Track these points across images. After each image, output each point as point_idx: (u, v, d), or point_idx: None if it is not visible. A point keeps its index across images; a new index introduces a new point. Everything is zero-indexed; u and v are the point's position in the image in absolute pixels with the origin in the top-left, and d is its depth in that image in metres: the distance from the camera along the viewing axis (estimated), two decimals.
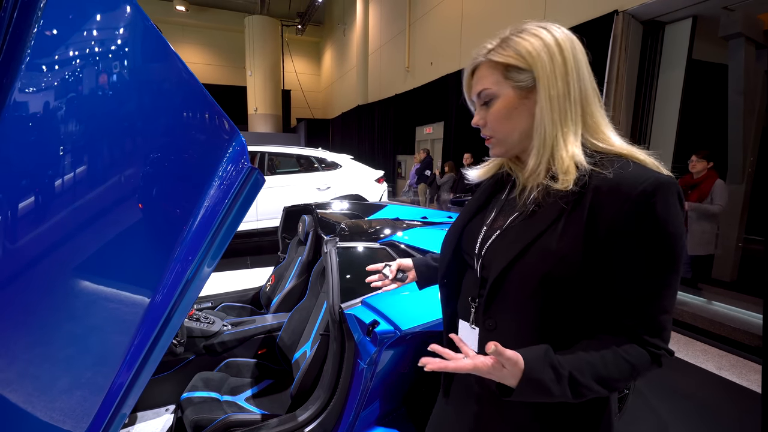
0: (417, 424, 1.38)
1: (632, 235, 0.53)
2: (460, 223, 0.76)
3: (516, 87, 0.62)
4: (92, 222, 0.55)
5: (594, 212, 0.55)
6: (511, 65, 0.61)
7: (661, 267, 0.53)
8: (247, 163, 0.55)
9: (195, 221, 0.56)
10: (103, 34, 0.54)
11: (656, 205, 0.51)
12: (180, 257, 0.57)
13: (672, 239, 0.52)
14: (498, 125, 0.64)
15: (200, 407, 1.39)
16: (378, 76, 12.89)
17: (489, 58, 0.64)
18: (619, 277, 0.55)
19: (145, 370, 0.64)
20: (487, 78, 0.64)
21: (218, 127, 0.56)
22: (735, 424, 1.91)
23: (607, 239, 0.54)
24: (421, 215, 2.22)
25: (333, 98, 18.46)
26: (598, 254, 0.54)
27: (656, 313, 0.54)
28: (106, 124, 0.55)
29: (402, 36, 10.99)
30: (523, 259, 0.59)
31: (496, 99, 0.63)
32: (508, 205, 0.69)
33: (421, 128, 10.59)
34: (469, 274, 0.72)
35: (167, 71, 0.55)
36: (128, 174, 0.56)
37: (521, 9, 6.58)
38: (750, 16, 4.96)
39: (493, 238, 0.66)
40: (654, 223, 0.52)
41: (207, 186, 0.56)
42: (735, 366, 2.50)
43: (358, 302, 1.30)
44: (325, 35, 19.36)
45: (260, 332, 1.81)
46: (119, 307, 0.61)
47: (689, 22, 4.54)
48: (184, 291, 0.58)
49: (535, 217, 0.60)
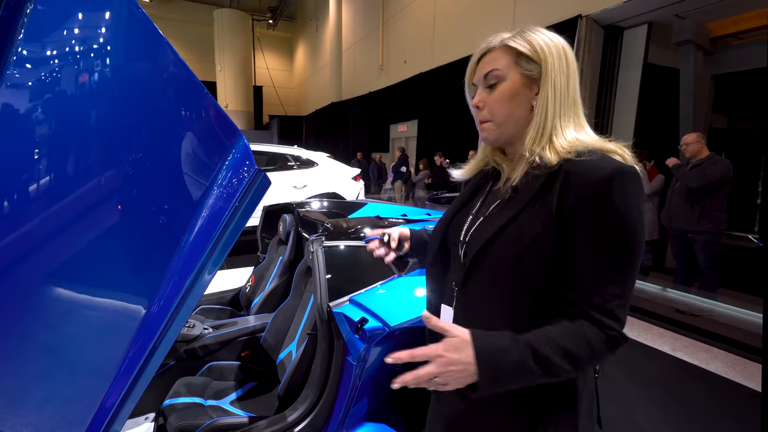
0: (405, 417, 1.41)
1: (589, 218, 0.56)
2: (447, 216, 0.80)
3: (523, 74, 0.65)
4: (85, 227, 0.53)
5: (562, 195, 0.58)
6: (523, 54, 0.65)
7: (613, 250, 0.55)
8: (252, 165, 0.54)
9: (196, 226, 0.54)
10: (97, 32, 0.52)
11: (613, 191, 0.54)
12: (178, 265, 0.55)
13: (625, 224, 0.54)
14: (498, 107, 0.66)
15: (184, 413, 1.35)
16: (352, 74, 12.82)
17: (504, 43, 0.66)
18: (576, 258, 0.57)
19: (139, 384, 0.61)
20: (498, 60, 0.66)
21: (218, 129, 0.54)
22: (691, 401, 2.07)
23: (569, 220, 0.57)
24: (401, 213, 2.25)
25: (306, 95, 18.18)
26: (564, 235, 0.57)
27: (608, 296, 0.55)
28: (100, 126, 0.53)
29: (376, 33, 10.98)
30: (498, 240, 0.61)
31: (503, 81, 0.66)
32: (492, 195, 0.73)
33: (395, 126, 10.65)
34: (454, 263, 0.74)
35: (163, 69, 0.53)
36: (123, 179, 0.53)
37: (492, 10, 6.74)
38: (699, 25, 5.36)
39: (476, 225, 0.69)
40: (609, 208, 0.54)
41: (208, 190, 0.54)
42: (687, 347, 2.71)
43: (346, 300, 1.31)
44: (298, 31, 19.01)
45: (243, 334, 1.78)
46: (113, 317, 0.59)
47: (645, 28, 4.83)
48: (183, 299, 0.57)
49: (512, 201, 0.64)
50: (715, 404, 2.00)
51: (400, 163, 8.13)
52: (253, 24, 16.03)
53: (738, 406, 2.01)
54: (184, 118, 0.56)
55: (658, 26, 4.92)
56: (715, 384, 2.23)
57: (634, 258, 0.56)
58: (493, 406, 0.65)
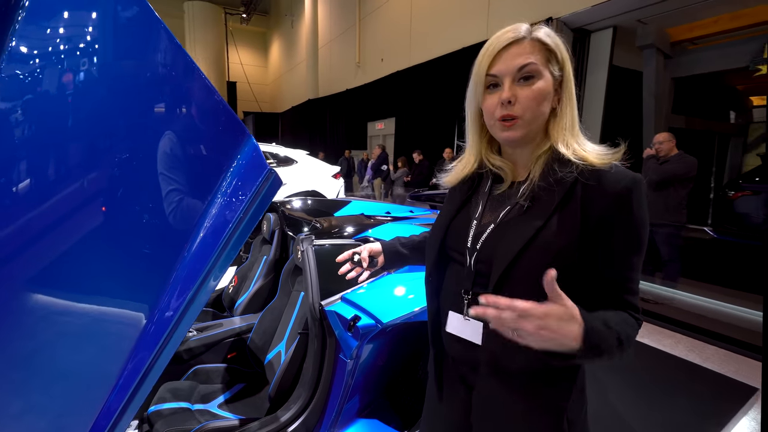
0: (397, 412, 1.43)
1: (614, 224, 0.60)
2: (444, 221, 0.77)
3: (552, 75, 0.63)
4: (88, 229, 0.51)
5: (585, 205, 0.60)
6: (553, 52, 0.63)
7: (633, 249, 0.61)
8: (263, 165, 0.53)
9: (205, 228, 0.53)
10: (102, 30, 0.50)
11: (632, 199, 0.59)
12: (183, 271, 0.54)
13: (643, 228, 0.61)
14: (533, 105, 0.62)
15: (171, 419, 1.32)
16: (328, 71, 12.69)
17: (535, 36, 0.62)
18: (603, 260, 0.61)
19: (137, 397, 0.60)
20: (534, 54, 0.62)
21: (227, 129, 0.53)
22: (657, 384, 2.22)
23: (596, 229, 0.60)
24: (384, 210, 2.27)
25: (282, 91, 17.84)
26: (589, 242, 0.61)
27: (631, 288, 0.63)
28: (103, 128, 0.51)
29: (352, 31, 10.91)
30: (526, 254, 0.61)
31: (539, 78, 0.62)
32: (495, 200, 0.71)
33: (373, 124, 10.65)
34: (457, 269, 0.73)
35: (170, 68, 0.52)
36: (127, 181, 0.51)
37: (466, 12, 6.86)
38: (660, 30, 5.68)
39: (488, 233, 0.68)
40: (629, 213, 0.60)
41: (217, 192, 0.53)
42: (652, 333, 2.88)
43: (338, 299, 1.31)
44: (272, 26, 18.60)
45: (229, 336, 1.75)
46: (114, 327, 0.57)
47: (610, 31, 5.06)
48: (188, 307, 0.55)
49: (531, 212, 0.63)
50: (679, 386, 2.15)
51: (380, 161, 8.15)
52: (225, 17, 15.54)
53: (699, 386, 2.17)
54: (190, 119, 0.54)
55: (623, 30, 5.17)
56: (678, 367, 2.39)
57: (643, 254, 0.62)
58: (529, 396, 0.66)
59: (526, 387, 0.66)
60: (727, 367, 2.42)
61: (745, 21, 4.55)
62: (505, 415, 0.67)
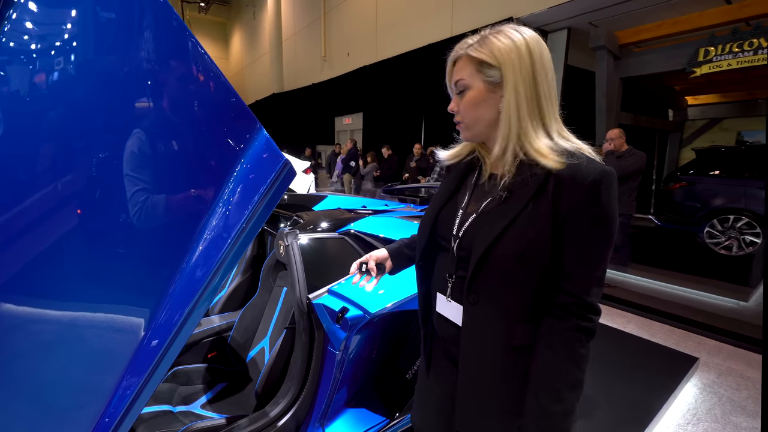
0: (384, 400, 1.47)
1: (583, 217, 0.63)
2: (435, 208, 0.82)
3: (486, 81, 0.69)
4: (89, 230, 0.50)
5: (556, 198, 0.64)
6: (484, 61, 0.68)
7: (601, 241, 0.64)
8: (277, 156, 0.52)
9: (212, 227, 0.52)
10: (112, 21, 0.48)
11: (601, 192, 0.62)
12: (193, 268, 0.53)
13: (610, 220, 0.63)
14: (467, 113, 0.72)
15: (153, 423, 1.28)
16: (294, 64, 12.39)
17: (467, 52, 0.70)
18: (569, 251, 0.64)
19: (134, 409, 0.58)
20: (463, 70, 0.71)
21: (236, 121, 0.52)
22: (611, 357, 2.43)
23: (565, 220, 0.64)
24: (360, 204, 2.29)
25: (244, 85, 17.16)
26: (559, 233, 0.65)
27: (594, 277, 0.65)
28: (105, 123, 0.49)
29: (317, 24, 10.71)
30: (501, 241, 0.66)
31: (469, 90, 0.70)
32: (479, 190, 0.77)
33: (341, 118, 10.56)
34: (443, 254, 0.80)
35: (179, 58, 0.50)
36: (134, 177, 0.50)
37: (432, 7, 6.96)
38: (610, 33, 6.08)
39: (470, 222, 0.73)
40: (599, 207, 0.62)
41: (226, 187, 0.52)
42: (607, 314, 3.13)
43: (324, 292, 1.33)
44: (233, 16, 17.79)
45: (208, 335, 1.70)
46: (111, 335, 0.56)
47: (565, 33, 5.35)
48: (189, 314, 0.54)
49: (508, 203, 0.68)
50: (630, 359, 2.37)
51: (350, 157, 8.11)
52: (183, 6, 14.66)
53: (648, 359, 2.40)
54: (198, 112, 0.54)
55: (577, 32, 5.49)
56: (630, 343, 2.63)
57: (612, 246, 0.66)
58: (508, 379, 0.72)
59: (503, 363, 0.71)
60: (670, 340, 2.70)
61: (683, 26, 4.99)
62: (486, 390, 0.73)
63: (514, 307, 0.69)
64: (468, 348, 0.74)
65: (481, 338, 0.72)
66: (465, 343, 0.74)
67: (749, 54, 3.79)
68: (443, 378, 0.84)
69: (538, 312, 0.69)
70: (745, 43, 3.80)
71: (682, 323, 2.93)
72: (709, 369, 2.34)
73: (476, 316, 0.72)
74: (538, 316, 0.69)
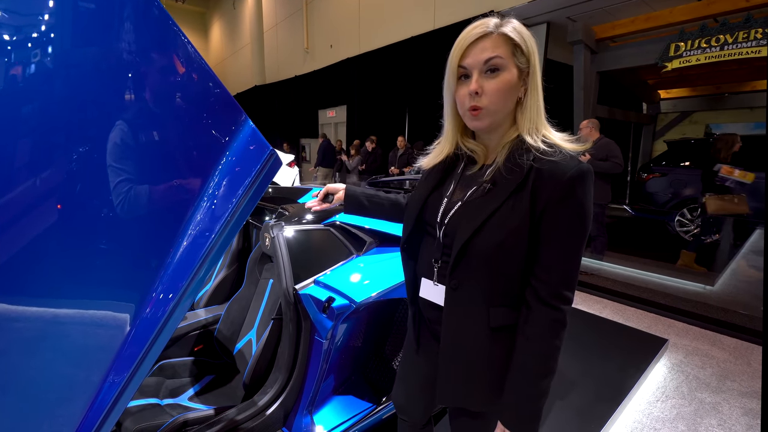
0: (370, 386, 1.51)
1: (559, 211, 0.65)
2: (421, 197, 0.84)
3: (518, 67, 0.67)
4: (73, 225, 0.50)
5: (535, 192, 0.66)
6: (519, 45, 0.66)
7: (575, 239, 0.67)
8: (263, 146, 0.53)
9: (198, 219, 0.53)
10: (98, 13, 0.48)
11: (576, 189, 0.64)
12: (179, 261, 0.54)
13: (585, 215, 0.66)
14: (497, 97, 0.67)
15: (140, 416, 1.28)
16: (276, 56, 12.14)
17: (501, 31, 0.66)
18: (545, 242, 0.67)
19: (120, 403, 0.58)
20: (499, 48, 0.65)
21: (221, 112, 0.53)
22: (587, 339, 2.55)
23: (542, 214, 0.66)
24: None
25: (225, 77, 16.69)
26: (536, 225, 0.67)
27: (567, 268, 0.68)
28: (84, 117, 0.50)
29: (299, 15, 10.51)
30: (482, 231, 0.69)
31: (504, 71, 0.66)
32: (465, 180, 0.79)
33: (324, 111, 10.45)
34: (429, 240, 0.82)
35: (166, 50, 0.51)
36: (112, 176, 0.50)
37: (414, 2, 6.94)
38: (587, 27, 6.22)
39: (455, 210, 0.75)
40: (574, 202, 0.65)
41: (211, 178, 0.53)
42: (585, 301, 3.28)
43: (311, 282, 1.35)
44: (212, 6, 17.22)
45: (194, 328, 1.70)
46: (96, 331, 0.56)
47: (544, 27, 5.45)
48: (174, 307, 0.54)
49: (491, 195, 0.70)
50: (605, 342, 2.49)
51: (322, 150, 8.07)
52: None
53: (622, 342, 2.53)
54: (183, 104, 0.54)
55: (556, 26, 5.60)
56: (605, 327, 2.76)
57: (585, 240, 0.69)
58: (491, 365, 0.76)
59: (482, 344, 0.75)
60: (642, 324, 2.84)
61: (655, 22, 5.16)
62: (466, 368, 0.76)
63: (493, 291, 0.73)
64: (448, 329, 0.77)
65: (462, 320, 0.75)
66: (446, 325, 0.77)
67: (716, 50, 3.96)
68: (429, 356, 0.88)
69: (517, 295, 0.72)
70: (712, 39, 3.96)
71: (653, 307, 3.08)
72: (678, 349, 2.49)
73: (457, 299, 0.75)
74: (517, 300, 0.73)
